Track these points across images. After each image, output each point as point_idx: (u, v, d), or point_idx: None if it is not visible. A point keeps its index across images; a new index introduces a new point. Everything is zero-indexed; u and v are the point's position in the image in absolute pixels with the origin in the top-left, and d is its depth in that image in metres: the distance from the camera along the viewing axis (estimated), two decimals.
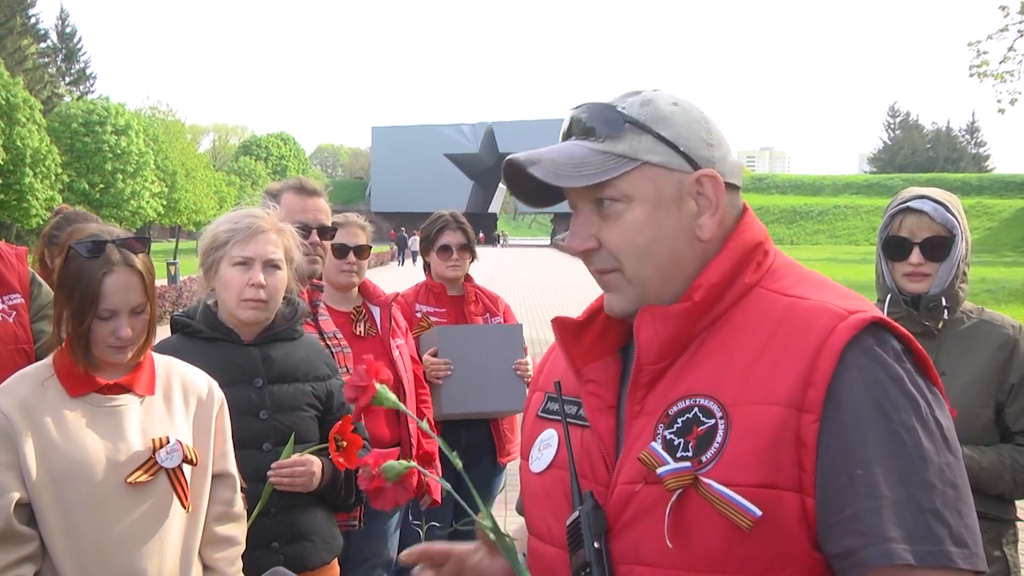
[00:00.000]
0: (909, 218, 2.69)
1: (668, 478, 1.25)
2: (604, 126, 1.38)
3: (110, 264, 2.20)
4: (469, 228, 4.49)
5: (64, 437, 2.17)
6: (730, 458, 1.24)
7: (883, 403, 1.23)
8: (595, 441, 1.39)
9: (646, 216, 1.36)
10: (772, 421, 1.23)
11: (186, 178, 58.77)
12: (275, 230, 2.75)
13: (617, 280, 1.39)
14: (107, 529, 2.17)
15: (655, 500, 1.28)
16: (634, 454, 1.31)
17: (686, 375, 1.33)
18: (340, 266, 3.76)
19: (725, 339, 1.33)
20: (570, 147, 1.38)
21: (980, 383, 2.63)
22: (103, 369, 2.27)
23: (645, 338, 1.35)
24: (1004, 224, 66.14)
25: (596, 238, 1.38)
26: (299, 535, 2.75)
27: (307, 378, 2.82)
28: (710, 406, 1.29)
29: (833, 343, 1.24)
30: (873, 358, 1.25)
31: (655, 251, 1.37)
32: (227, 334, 2.75)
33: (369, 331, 3.81)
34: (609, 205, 1.37)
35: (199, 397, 2.39)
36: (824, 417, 1.23)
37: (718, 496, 1.22)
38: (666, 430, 1.30)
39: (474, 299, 4.47)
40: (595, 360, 1.44)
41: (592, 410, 1.40)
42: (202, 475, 2.35)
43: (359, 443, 2.71)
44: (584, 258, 1.42)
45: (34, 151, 40.24)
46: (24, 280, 3.01)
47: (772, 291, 1.36)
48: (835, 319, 1.26)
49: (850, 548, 1.21)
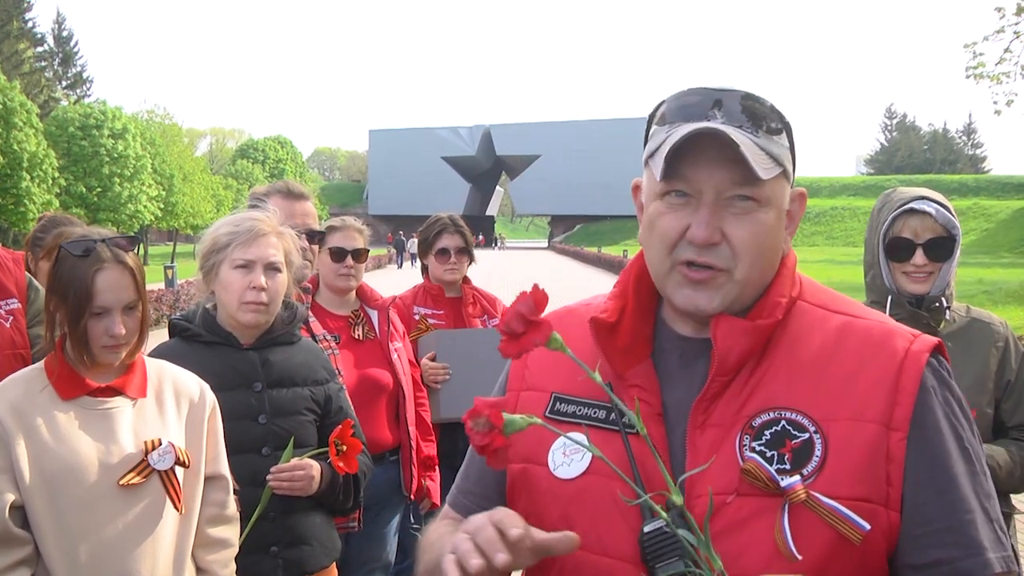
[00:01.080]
0: (913, 219, 2.71)
1: (791, 492, 1.25)
2: (773, 122, 1.35)
3: (101, 261, 2.21)
4: (467, 231, 4.50)
5: (56, 440, 2.16)
6: (832, 472, 1.26)
7: (954, 422, 1.32)
8: (648, 449, 1.33)
9: (773, 222, 1.36)
10: (868, 437, 1.28)
11: (183, 182, 58.80)
12: (275, 233, 2.75)
13: (722, 279, 1.35)
14: (100, 531, 2.16)
15: (753, 511, 1.27)
16: (712, 465, 1.30)
17: (760, 388, 1.33)
18: (337, 270, 3.76)
19: (788, 353, 1.35)
20: (738, 134, 1.30)
21: (983, 382, 2.67)
22: (96, 371, 2.27)
23: (724, 348, 1.33)
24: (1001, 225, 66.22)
25: (721, 232, 1.33)
26: (298, 539, 2.74)
27: (306, 382, 2.81)
28: (800, 420, 1.30)
29: (913, 365, 1.32)
30: (941, 379, 1.34)
31: (767, 258, 1.37)
32: (226, 338, 2.74)
33: (367, 335, 3.81)
34: (746, 204, 1.33)
35: (191, 400, 2.39)
36: (911, 435, 1.29)
37: (828, 510, 1.25)
38: (754, 442, 1.30)
39: (472, 301, 4.47)
40: (635, 364, 1.41)
41: (643, 417, 1.34)
42: (194, 477, 2.34)
43: (358, 447, 2.71)
44: (698, 251, 1.33)
45: (31, 155, 40.20)
46: (21, 285, 3.01)
47: (815, 305, 1.41)
48: (907, 341, 1.34)
49: (943, 559, 1.27)
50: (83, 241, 2.25)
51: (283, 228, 2.80)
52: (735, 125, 1.32)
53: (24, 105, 40.83)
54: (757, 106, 1.35)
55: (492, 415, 1.20)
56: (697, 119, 1.33)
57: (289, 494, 2.67)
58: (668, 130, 1.35)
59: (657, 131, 1.39)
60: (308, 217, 3.54)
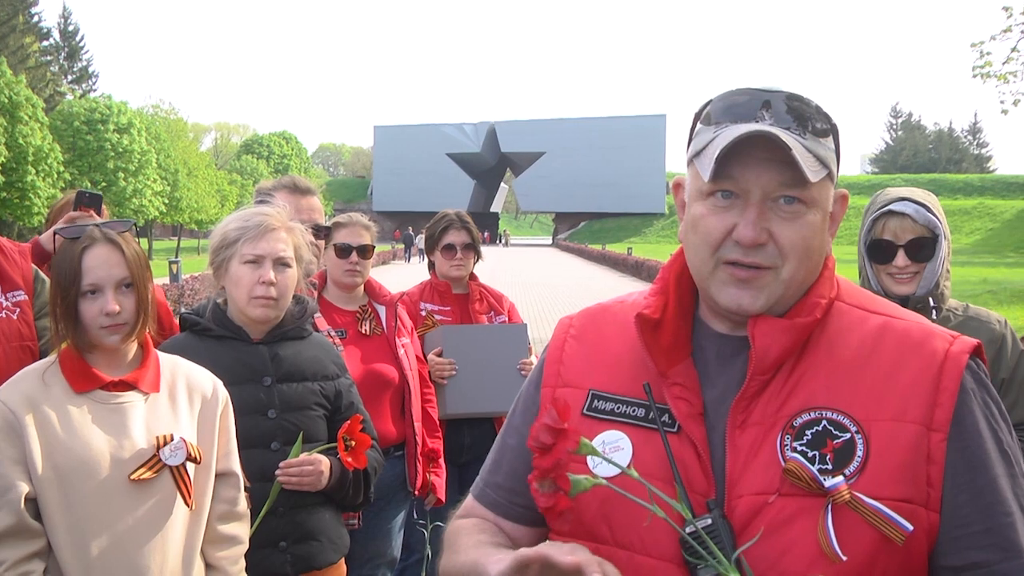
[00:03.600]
0: (892, 221, 2.73)
1: (835, 492, 1.25)
2: (820, 124, 1.35)
3: (91, 240, 2.23)
4: (474, 227, 4.50)
5: (69, 433, 2.17)
6: (874, 472, 1.27)
7: (992, 424, 1.32)
8: (689, 448, 1.34)
9: (819, 223, 1.36)
10: (909, 438, 1.28)
11: (188, 177, 58.86)
12: (285, 228, 2.75)
13: (768, 278, 1.34)
14: (110, 526, 2.17)
15: (795, 511, 1.27)
16: (753, 465, 1.31)
17: (800, 388, 1.33)
18: (343, 266, 3.77)
19: (828, 353, 1.35)
20: (787, 136, 1.30)
21: None
22: (107, 363, 2.27)
23: (762, 347, 1.33)
24: (1006, 225, 66.12)
25: (768, 232, 1.33)
26: (306, 535, 2.74)
27: (316, 377, 2.81)
28: (841, 420, 1.30)
29: (952, 367, 1.32)
30: (980, 381, 1.34)
31: (813, 259, 1.37)
32: (236, 332, 2.75)
33: (374, 330, 3.81)
34: (793, 205, 1.33)
35: (204, 396, 2.39)
36: (950, 436, 1.29)
37: (872, 511, 1.25)
38: (795, 442, 1.30)
39: (479, 297, 4.47)
40: (678, 363, 1.40)
41: (684, 416, 1.36)
42: (206, 473, 2.34)
43: (367, 442, 2.70)
44: (744, 251, 1.33)
45: (36, 149, 40.25)
46: (28, 277, 3.00)
47: (852, 306, 1.41)
48: (946, 342, 1.34)
49: (982, 561, 1.27)
50: (77, 226, 2.27)
51: (292, 223, 2.81)
52: (783, 127, 1.32)
53: (30, 99, 40.88)
54: (803, 107, 1.35)
55: (559, 478, 1.19)
56: (746, 120, 1.33)
57: (298, 489, 2.67)
58: (716, 130, 1.35)
59: (703, 130, 1.38)
60: (314, 212, 3.55)
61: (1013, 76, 23.63)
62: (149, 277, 2.33)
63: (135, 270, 2.26)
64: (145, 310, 2.28)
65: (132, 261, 2.26)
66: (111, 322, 2.22)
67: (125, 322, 2.24)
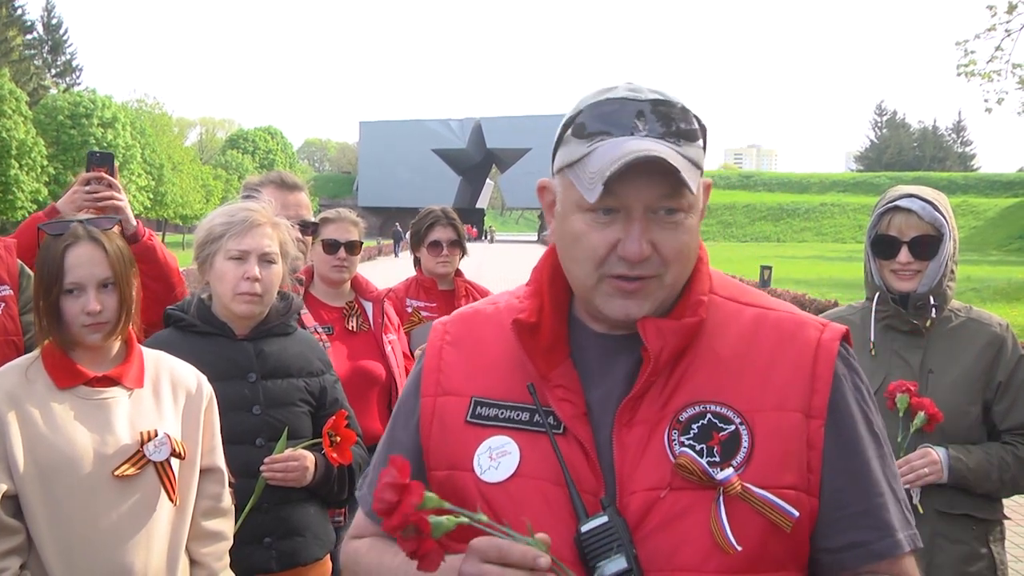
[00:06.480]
0: (898, 217, 2.71)
1: (728, 484, 1.27)
2: (692, 131, 1.34)
3: (73, 238, 2.22)
4: (459, 224, 4.51)
5: (52, 429, 2.16)
6: (760, 462, 1.30)
7: (863, 406, 1.38)
8: (576, 449, 1.34)
9: (695, 224, 1.37)
10: (791, 426, 1.32)
11: (173, 172, 58.61)
12: (270, 224, 2.74)
13: (653, 286, 1.35)
14: (94, 522, 2.16)
15: (687, 505, 1.29)
16: (643, 462, 1.31)
17: (684, 383, 1.35)
18: (330, 262, 3.76)
19: (709, 348, 1.38)
20: (659, 147, 1.29)
21: (967, 381, 2.65)
22: (91, 359, 2.26)
23: (656, 350, 1.34)
24: (989, 223, 66.50)
25: (651, 244, 1.32)
26: (292, 531, 2.73)
27: (301, 373, 2.80)
28: (725, 412, 1.33)
29: (826, 355, 1.36)
30: (850, 366, 1.39)
31: (691, 258, 1.39)
32: (221, 328, 2.74)
33: (361, 326, 3.81)
34: (675, 215, 1.33)
35: (188, 391, 2.39)
36: (827, 422, 1.33)
37: (760, 499, 1.28)
38: (682, 436, 1.32)
39: (464, 294, 4.47)
40: (558, 365, 1.40)
41: (569, 417, 1.36)
42: (190, 469, 2.34)
43: (352, 438, 2.70)
44: (630, 266, 1.33)
45: (20, 143, 40.05)
46: (13, 271, 2.98)
47: (726, 299, 1.43)
48: (817, 331, 1.39)
49: (858, 541, 1.33)
50: (61, 222, 2.26)
51: (278, 219, 2.80)
52: (656, 136, 1.31)
53: (13, 93, 40.67)
54: (671, 111, 1.33)
55: (419, 522, 1.14)
56: (621, 131, 1.32)
57: (283, 485, 2.67)
58: (591, 144, 1.33)
59: (574, 142, 1.36)
60: (302, 208, 3.55)
61: (997, 75, 23.79)
62: (134, 274, 2.32)
63: (118, 269, 2.25)
64: (128, 308, 2.27)
65: (115, 260, 2.25)
66: (92, 321, 2.21)
67: (107, 321, 2.23)
